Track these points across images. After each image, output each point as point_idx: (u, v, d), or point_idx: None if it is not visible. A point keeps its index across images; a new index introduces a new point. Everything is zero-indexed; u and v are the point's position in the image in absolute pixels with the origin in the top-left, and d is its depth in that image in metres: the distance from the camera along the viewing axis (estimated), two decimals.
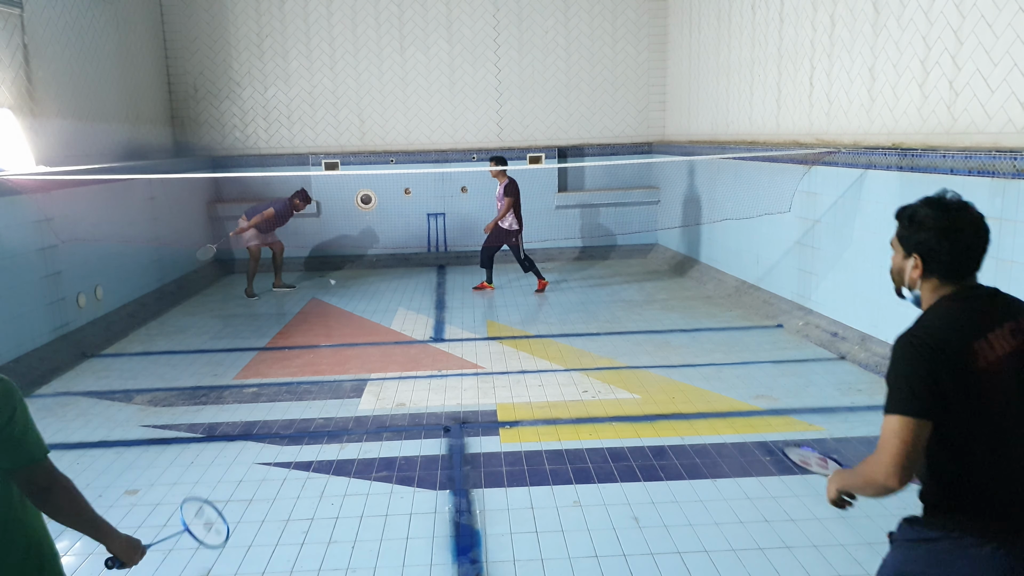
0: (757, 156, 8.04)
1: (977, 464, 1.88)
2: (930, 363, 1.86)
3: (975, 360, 1.86)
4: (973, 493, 1.89)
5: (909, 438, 1.84)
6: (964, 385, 1.85)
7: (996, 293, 2.00)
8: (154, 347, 7.23)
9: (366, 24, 11.14)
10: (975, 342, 1.88)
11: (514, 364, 6.44)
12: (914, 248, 2.01)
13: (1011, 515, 1.86)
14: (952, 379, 1.85)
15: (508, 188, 9.08)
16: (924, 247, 1.98)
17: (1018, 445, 1.87)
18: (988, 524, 1.86)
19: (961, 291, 1.98)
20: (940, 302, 1.99)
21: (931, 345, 1.87)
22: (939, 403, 1.85)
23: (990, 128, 5.01)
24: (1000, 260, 4.83)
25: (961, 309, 1.95)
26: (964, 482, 1.89)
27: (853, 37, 6.45)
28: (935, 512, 1.96)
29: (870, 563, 3.42)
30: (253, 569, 3.51)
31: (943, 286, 2.00)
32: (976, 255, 1.98)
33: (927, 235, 1.97)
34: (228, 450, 4.80)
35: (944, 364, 1.86)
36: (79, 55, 8.18)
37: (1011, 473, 1.87)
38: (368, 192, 11.30)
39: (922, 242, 1.98)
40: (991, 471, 1.87)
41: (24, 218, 6.52)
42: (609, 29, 11.37)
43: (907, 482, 1.87)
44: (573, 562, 3.49)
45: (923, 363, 1.86)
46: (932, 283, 2.01)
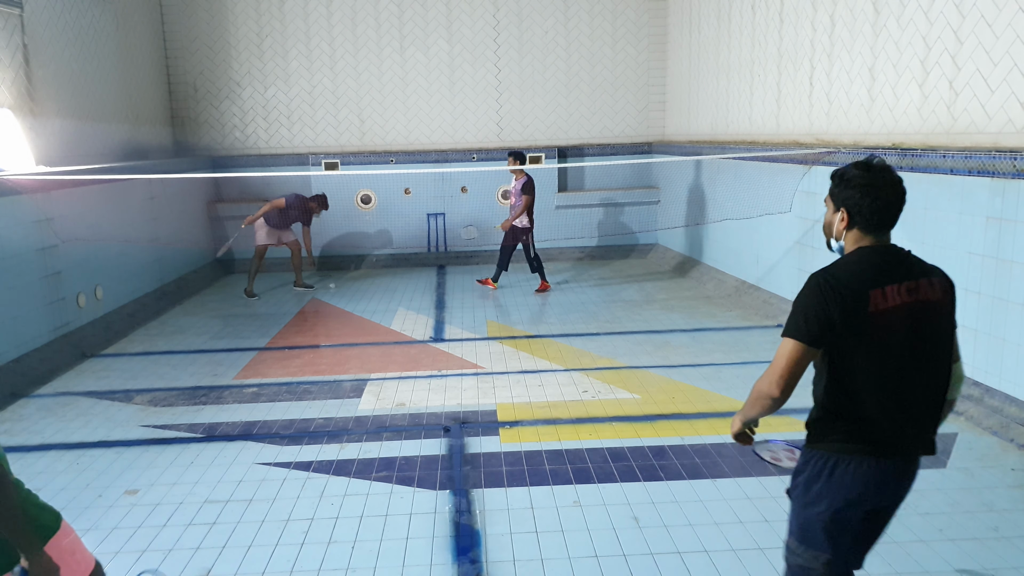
0: (757, 156, 8.04)
1: (860, 395, 2.20)
2: (828, 301, 2.15)
3: (866, 306, 2.15)
4: (857, 418, 2.22)
5: (795, 359, 2.19)
6: (853, 325, 2.15)
7: (907, 255, 2.28)
8: (154, 347, 7.23)
9: (366, 24, 11.14)
10: (871, 291, 2.16)
11: (514, 364, 6.44)
12: (842, 203, 2.30)
13: (886, 437, 2.22)
14: (843, 318, 2.15)
15: (527, 186, 9.01)
16: (850, 202, 2.27)
17: (895, 382, 2.19)
18: (868, 444, 2.22)
19: (876, 246, 2.27)
20: (855, 252, 2.27)
21: (833, 286, 2.16)
22: (828, 336, 2.17)
23: (990, 128, 5.01)
24: (1000, 260, 4.83)
25: (870, 261, 2.23)
26: (850, 409, 2.22)
27: (853, 37, 6.45)
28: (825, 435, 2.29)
29: (870, 563, 3.42)
30: (253, 569, 3.51)
31: (863, 238, 2.28)
32: (893, 211, 2.27)
33: (853, 192, 2.26)
34: (228, 450, 4.80)
35: (839, 304, 2.15)
36: (79, 55, 8.18)
37: (887, 404, 2.19)
38: (368, 192, 11.30)
39: (848, 198, 2.27)
40: (871, 401, 2.19)
41: (24, 218, 6.52)
42: (609, 29, 11.37)
43: (787, 394, 2.23)
44: (573, 562, 3.49)
45: (822, 300, 2.16)
46: (854, 235, 2.29)
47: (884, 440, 2.22)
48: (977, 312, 5.06)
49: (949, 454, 4.50)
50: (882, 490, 2.26)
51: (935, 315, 2.23)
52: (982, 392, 4.99)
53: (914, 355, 2.20)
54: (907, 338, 2.18)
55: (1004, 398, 4.82)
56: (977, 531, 3.65)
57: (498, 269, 9.49)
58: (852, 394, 2.22)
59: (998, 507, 3.88)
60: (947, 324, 2.27)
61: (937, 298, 2.23)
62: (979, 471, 4.28)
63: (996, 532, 3.64)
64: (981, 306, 5.02)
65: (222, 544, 3.72)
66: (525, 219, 9.07)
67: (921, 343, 2.20)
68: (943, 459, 4.44)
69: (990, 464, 4.36)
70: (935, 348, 2.24)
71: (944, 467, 4.35)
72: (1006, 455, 4.46)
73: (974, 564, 3.39)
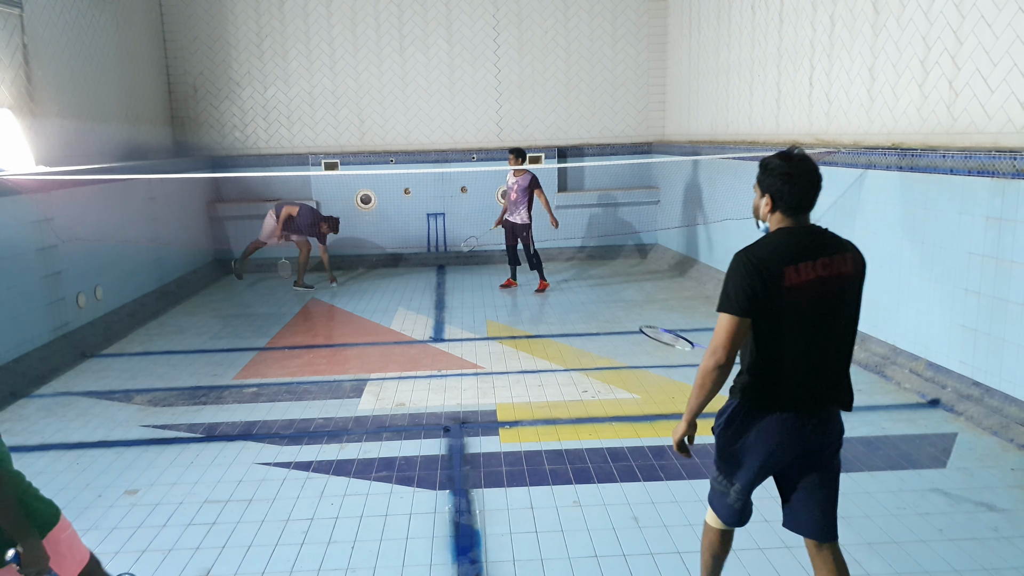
0: (757, 156, 8.03)
1: (779, 356, 2.50)
2: (750, 277, 2.45)
3: (782, 280, 2.44)
4: (776, 376, 2.52)
5: (731, 330, 2.47)
6: (772, 297, 2.44)
7: (823, 233, 2.56)
8: (154, 347, 7.23)
9: (366, 24, 11.14)
10: (787, 266, 2.45)
11: (514, 364, 6.44)
12: (766, 189, 2.58)
13: (800, 395, 2.53)
14: (764, 291, 2.44)
15: (535, 181, 9.04)
16: (773, 188, 2.55)
17: (808, 345, 2.49)
18: (785, 398, 2.53)
19: (795, 226, 2.55)
20: (776, 232, 2.56)
21: (754, 263, 2.46)
22: (753, 307, 2.45)
23: (990, 128, 5.01)
24: (1000, 260, 4.83)
25: (787, 240, 2.51)
26: (771, 368, 2.53)
27: (853, 37, 6.45)
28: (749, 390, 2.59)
29: (870, 563, 3.42)
30: (253, 569, 3.51)
31: (784, 220, 2.56)
32: (811, 196, 2.53)
33: (775, 179, 2.53)
34: (228, 450, 4.80)
35: (759, 279, 2.44)
36: (79, 55, 8.18)
37: (801, 366, 2.50)
38: (368, 192, 11.30)
39: (771, 185, 2.55)
40: (788, 364, 2.50)
41: (24, 218, 6.52)
42: (609, 29, 11.37)
43: (731, 360, 2.51)
44: (573, 562, 3.49)
45: (745, 276, 2.46)
46: (777, 216, 2.58)
47: (799, 397, 2.52)
48: (977, 312, 5.06)
49: (949, 454, 4.50)
50: (801, 439, 2.57)
51: (845, 286, 2.51)
52: (982, 392, 4.99)
53: (825, 322, 2.49)
54: (818, 308, 2.47)
55: (1004, 398, 4.82)
56: (977, 531, 3.65)
57: (512, 267, 9.51)
58: (771, 357, 2.52)
59: (998, 507, 3.88)
60: (856, 294, 2.55)
61: (848, 271, 2.51)
62: (979, 471, 4.28)
63: (996, 532, 3.64)
64: (981, 306, 5.02)
65: (222, 544, 3.72)
66: (526, 215, 9.09)
67: (831, 312, 2.50)
68: (943, 459, 4.44)
69: (990, 464, 4.36)
70: (844, 316, 2.52)
71: (944, 467, 4.35)
72: (1006, 455, 4.46)
73: (974, 564, 3.39)
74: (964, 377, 5.19)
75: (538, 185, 9.04)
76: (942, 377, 5.35)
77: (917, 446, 4.63)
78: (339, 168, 11.15)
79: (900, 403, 5.33)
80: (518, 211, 9.09)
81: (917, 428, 4.89)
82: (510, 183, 9.13)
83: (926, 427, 4.90)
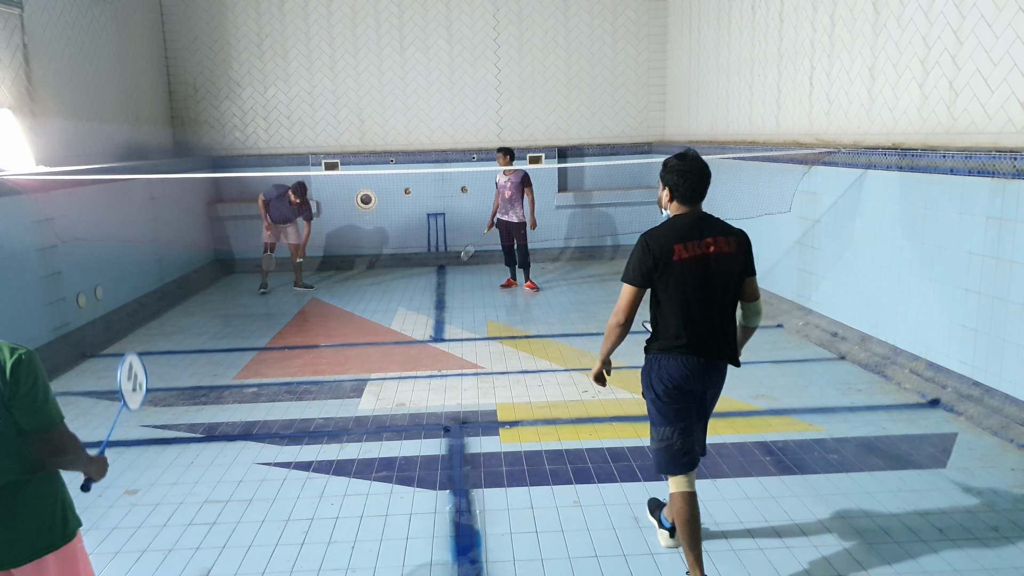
0: (757, 156, 8.04)
1: (674, 314, 3.12)
2: (645, 255, 3.08)
3: (672, 256, 3.05)
4: (674, 330, 3.14)
5: (630, 297, 3.14)
6: (665, 268, 3.06)
7: (711, 219, 3.16)
8: (154, 347, 7.23)
9: (366, 24, 11.14)
10: (677, 244, 3.05)
11: (514, 364, 6.44)
12: (666, 183, 3.17)
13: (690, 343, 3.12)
14: (656, 265, 3.06)
15: (527, 179, 9.08)
16: (671, 183, 3.14)
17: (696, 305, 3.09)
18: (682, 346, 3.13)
19: (687, 213, 3.15)
20: (673, 218, 3.17)
21: (650, 244, 3.08)
22: (647, 280, 3.10)
23: (990, 128, 5.01)
24: (1000, 260, 4.83)
25: (679, 224, 3.12)
26: (669, 324, 3.14)
27: (853, 37, 6.45)
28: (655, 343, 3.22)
29: (870, 563, 3.42)
30: (253, 569, 3.51)
31: (680, 208, 3.16)
32: (701, 189, 3.12)
33: (672, 175, 3.13)
34: (228, 450, 4.80)
35: (652, 257, 3.07)
36: (79, 55, 8.18)
37: (689, 322, 3.10)
38: (368, 192, 11.30)
39: (670, 180, 3.14)
40: (679, 320, 3.11)
41: (24, 218, 6.52)
42: (609, 29, 11.37)
43: (630, 321, 3.17)
44: (573, 562, 3.49)
45: (642, 255, 3.09)
46: (674, 205, 3.18)
47: (689, 345, 3.12)
48: (977, 312, 5.06)
49: (949, 454, 4.50)
50: (694, 378, 3.15)
51: (726, 262, 3.10)
52: (982, 392, 4.99)
53: (708, 289, 3.08)
54: (702, 277, 3.07)
55: (1004, 398, 4.82)
56: (977, 531, 3.66)
57: (511, 267, 9.55)
58: (667, 316, 3.14)
59: (998, 507, 3.88)
60: (737, 269, 3.13)
61: (730, 250, 3.11)
62: (979, 471, 4.28)
63: (996, 532, 3.65)
64: (981, 306, 5.02)
65: (222, 544, 3.72)
66: (521, 213, 9.13)
67: (712, 281, 3.09)
68: (943, 459, 4.44)
69: (990, 464, 4.36)
70: (723, 285, 3.12)
71: (944, 467, 4.35)
72: (1006, 455, 4.46)
73: (974, 564, 3.39)
74: (964, 377, 5.19)
75: (530, 183, 9.09)
76: (942, 377, 5.35)
77: (917, 446, 4.63)
78: (339, 168, 11.15)
79: (900, 403, 5.33)
80: (513, 209, 9.11)
81: (917, 428, 4.89)
82: (502, 182, 9.15)
83: (926, 427, 4.90)
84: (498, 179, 9.25)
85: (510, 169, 9.07)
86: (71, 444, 2.31)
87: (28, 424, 2.21)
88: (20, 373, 2.16)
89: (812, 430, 4.89)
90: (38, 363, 2.23)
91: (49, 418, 2.24)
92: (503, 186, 9.12)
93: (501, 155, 9.03)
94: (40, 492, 2.30)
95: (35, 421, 2.22)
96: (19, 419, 2.20)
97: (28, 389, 2.17)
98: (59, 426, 2.27)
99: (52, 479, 2.35)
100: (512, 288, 9.52)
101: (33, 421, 2.21)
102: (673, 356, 3.14)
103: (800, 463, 4.42)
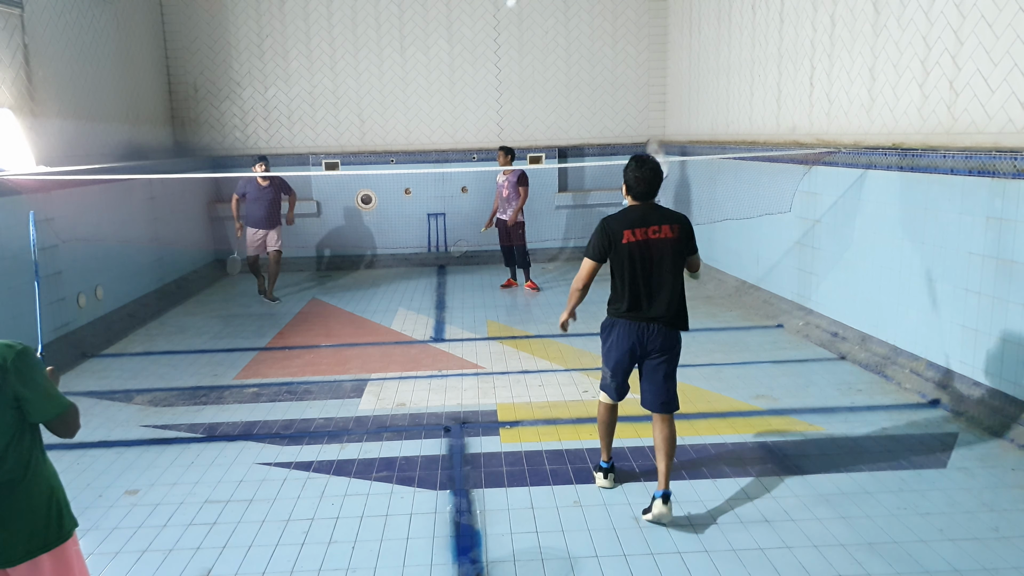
0: (757, 156, 8.04)
1: (624, 285, 3.85)
2: (602, 236, 3.84)
3: (621, 239, 3.80)
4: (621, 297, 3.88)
5: (588, 269, 3.90)
6: (616, 248, 3.81)
7: (657, 208, 3.88)
8: (154, 347, 7.23)
9: (366, 24, 11.14)
10: (625, 230, 3.80)
11: (514, 364, 6.44)
12: (624, 180, 3.91)
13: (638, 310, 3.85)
14: (610, 245, 3.82)
15: (523, 178, 9.12)
16: (628, 181, 3.89)
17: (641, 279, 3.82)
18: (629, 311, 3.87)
19: (638, 206, 3.88)
20: (627, 208, 3.92)
21: (606, 227, 3.85)
22: (603, 256, 3.85)
23: (990, 128, 5.01)
24: (1000, 260, 4.83)
25: (631, 214, 3.86)
26: (618, 292, 3.90)
27: (853, 37, 6.45)
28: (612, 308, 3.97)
29: (870, 563, 3.42)
30: (254, 569, 3.51)
31: (633, 201, 3.91)
32: (652, 187, 3.86)
33: (629, 175, 3.87)
34: (228, 450, 4.80)
35: (607, 237, 3.83)
36: (79, 55, 8.18)
37: (636, 292, 3.83)
38: (368, 192, 11.30)
39: (627, 179, 3.89)
40: (630, 291, 3.84)
41: (24, 218, 6.52)
42: (609, 29, 11.37)
43: (587, 286, 3.96)
44: (573, 562, 3.49)
45: (600, 236, 3.85)
46: (631, 199, 3.92)
47: (638, 311, 3.86)
48: (977, 312, 5.06)
49: (949, 454, 4.50)
50: (643, 339, 3.88)
51: (667, 245, 3.81)
52: (982, 392, 4.99)
53: (650, 266, 3.81)
54: (646, 256, 3.80)
55: (1004, 398, 4.82)
56: (977, 531, 3.66)
57: (511, 267, 9.56)
58: (620, 287, 3.88)
59: (998, 507, 3.88)
60: (677, 249, 3.82)
61: (671, 235, 3.81)
62: (979, 471, 4.28)
63: (996, 532, 3.65)
64: (981, 306, 5.02)
65: (222, 544, 3.72)
66: (521, 215, 9.16)
67: (655, 259, 3.81)
68: (943, 459, 4.44)
69: (990, 464, 4.36)
70: (664, 262, 3.81)
71: (944, 467, 4.35)
72: (1006, 455, 4.47)
73: (974, 564, 3.39)
74: (964, 377, 5.19)
75: (526, 182, 9.13)
76: (942, 377, 5.36)
77: (917, 446, 4.63)
78: (340, 168, 11.15)
79: (900, 403, 5.33)
80: (511, 207, 9.14)
81: (917, 428, 4.89)
82: (500, 181, 9.21)
83: (926, 427, 4.90)
84: (498, 178, 9.29)
85: (509, 169, 9.10)
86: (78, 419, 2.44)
87: (45, 414, 2.30)
88: (22, 369, 2.23)
89: (812, 430, 4.90)
90: (35, 355, 2.31)
91: (63, 403, 2.35)
92: (501, 185, 9.18)
93: (502, 154, 9.07)
94: (34, 491, 2.32)
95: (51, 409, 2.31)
96: (33, 411, 2.27)
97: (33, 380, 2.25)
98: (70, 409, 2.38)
99: (46, 478, 2.38)
100: (512, 288, 9.52)
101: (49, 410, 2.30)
102: (621, 318, 3.91)
103: (800, 463, 4.42)
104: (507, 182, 9.12)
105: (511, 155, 9.10)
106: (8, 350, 2.24)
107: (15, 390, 2.22)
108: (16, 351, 2.25)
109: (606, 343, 4.02)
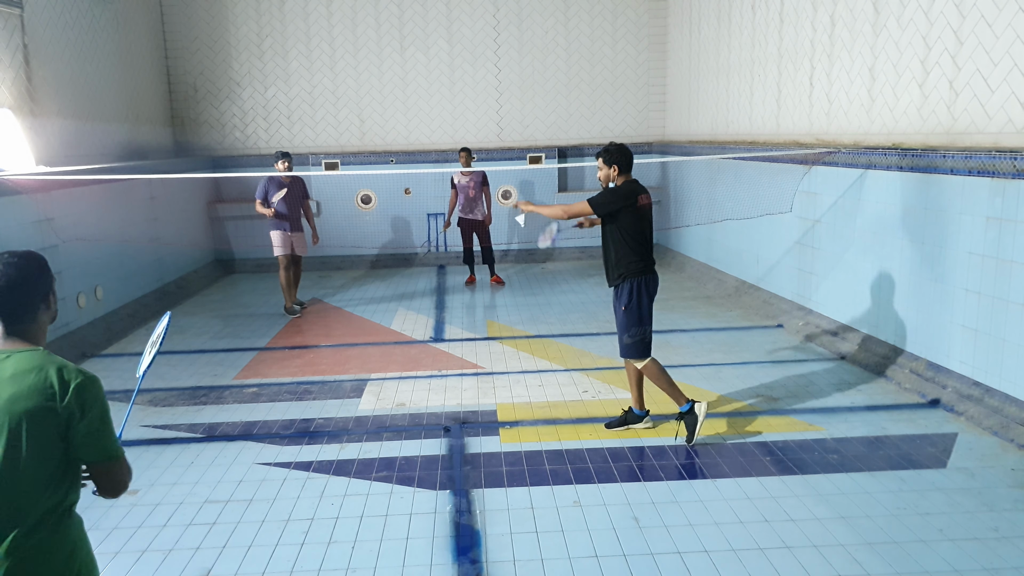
0: (757, 156, 8.03)
1: (640, 244, 4.66)
2: (622, 198, 4.58)
3: (636, 202, 4.60)
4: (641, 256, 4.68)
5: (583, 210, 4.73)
6: (631, 210, 4.59)
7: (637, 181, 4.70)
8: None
9: (366, 24, 11.14)
10: (639, 195, 4.61)
11: (514, 364, 6.44)
12: (615, 163, 4.65)
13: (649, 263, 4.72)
14: (626, 206, 4.58)
15: (486, 177, 9.53)
16: (619, 161, 4.65)
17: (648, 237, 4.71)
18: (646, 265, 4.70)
19: (632, 180, 4.68)
20: (625, 182, 4.66)
21: (622, 190, 4.60)
22: (610, 214, 4.63)
23: (990, 128, 5.01)
24: (1000, 260, 4.83)
25: (634, 186, 4.64)
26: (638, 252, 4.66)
27: (853, 37, 6.45)
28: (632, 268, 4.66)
29: (870, 563, 3.42)
30: (253, 569, 3.51)
31: (627, 176, 4.69)
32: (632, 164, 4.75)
33: (619, 156, 4.65)
34: (228, 450, 4.81)
35: (627, 199, 4.58)
36: (79, 55, 8.18)
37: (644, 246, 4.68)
38: (368, 192, 11.30)
39: (618, 160, 4.65)
40: (643, 247, 4.68)
41: (24, 218, 6.52)
42: (609, 29, 11.37)
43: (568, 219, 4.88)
44: (573, 562, 3.49)
45: (620, 197, 4.59)
46: (623, 177, 4.69)
47: (649, 262, 4.72)
48: (977, 312, 5.06)
49: (949, 454, 4.50)
50: (652, 287, 4.73)
51: (650, 208, 4.71)
52: (982, 392, 4.99)
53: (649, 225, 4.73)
54: (647, 217, 4.69)
55: (1004, 398, 4.82)
56: (977, 531, 3.66)
57: (491, 265, 9.85)
58: (634, 246, 4.64)
59: (998, 507, 3.88)
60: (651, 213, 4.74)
61: (651, 202, 4.72)
62: (979, 471, 4.28)
63: (996, 532, 3.65)
64: (981, 306, 5.02)
65: (222, 544, 3.72)
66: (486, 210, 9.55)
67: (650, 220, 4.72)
68: (943, 459, 4.44)
69: (990, 464, 4.36)
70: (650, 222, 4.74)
71: (944, 467, 4.35)
72: (1006, 455, 4.47)
73: (974, 564, 3.39)
74: (964, 377, 5.19)
75: (487, 182, 9.57)
76: (942, 377, 5.35)
77: (917, 446, 4.63)
78: (339, 168, 11.15)
79: (900, 403, 5.33)
80: (479, 207, 9.48)
81: (917, 428, 4.90)
82: (464, 182, 9.44)
83: (926, 427, 4.90)
84: (458, 179, 9.48)
85: (468, 170, 9.41)
86: (128, 479, 2.22)
87: (93, 454, 2.11)
88: (85, 397, 2.05)
89: (812, 430, 4.90)
90: (103, 390, 2.12)
91: (114, 451, 2.16)
92: (466, 186, 9.45)
93: (464, 155, 9.38)
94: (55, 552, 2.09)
95: (101, 451, 2.12)
96: (81, 446, 2.07)
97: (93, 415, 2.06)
98: (121, 460, 2.19)
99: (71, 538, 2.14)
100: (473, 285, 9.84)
101: (99, 451, 2.11)
102: (647, 277, 4.67)
103: (800, 463, 4.42)
104: (472, 183, 9.41)
105: (472, 156, 9.46)
106: (78, 374, 2.07)
107: (70, 416, 2.03)
108: (86, 377, 2.08)
109: (633, 301, 4.64)
